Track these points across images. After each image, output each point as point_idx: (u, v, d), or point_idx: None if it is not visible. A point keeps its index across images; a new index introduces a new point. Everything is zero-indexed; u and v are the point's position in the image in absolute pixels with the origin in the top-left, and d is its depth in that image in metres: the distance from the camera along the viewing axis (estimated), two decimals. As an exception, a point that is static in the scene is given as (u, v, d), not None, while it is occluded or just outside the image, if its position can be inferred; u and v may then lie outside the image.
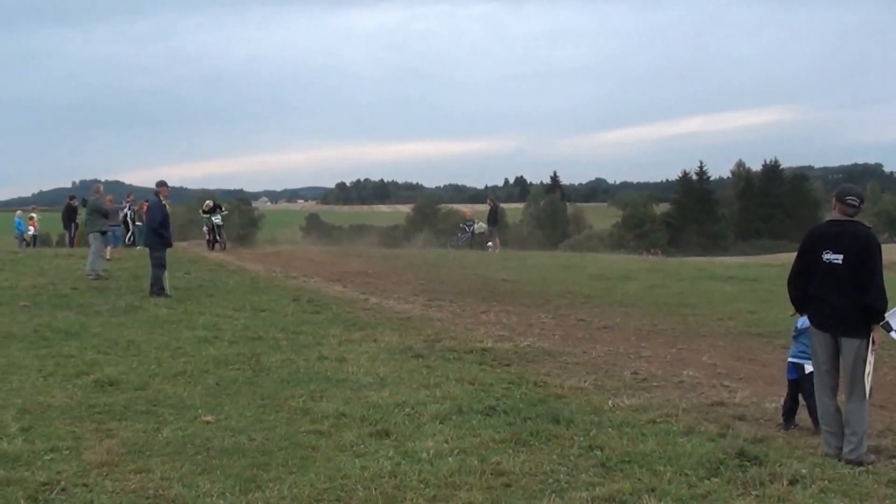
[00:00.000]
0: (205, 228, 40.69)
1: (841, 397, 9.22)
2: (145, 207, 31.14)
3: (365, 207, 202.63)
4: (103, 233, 25.01)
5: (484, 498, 7.40)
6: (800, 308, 9.61)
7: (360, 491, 7.53)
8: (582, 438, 9.14)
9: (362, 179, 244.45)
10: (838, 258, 8.91)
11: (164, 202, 21.98)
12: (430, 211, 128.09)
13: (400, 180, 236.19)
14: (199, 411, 10.14)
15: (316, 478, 7.86)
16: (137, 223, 36.97)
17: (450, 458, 8.39)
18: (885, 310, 8.93)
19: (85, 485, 7.65)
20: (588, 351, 14.86)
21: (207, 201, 41.77)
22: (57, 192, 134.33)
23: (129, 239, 37.62)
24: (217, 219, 39.25)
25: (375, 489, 7.57)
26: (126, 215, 38.21)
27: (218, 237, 39.21)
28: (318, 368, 12.64)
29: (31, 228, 43.42)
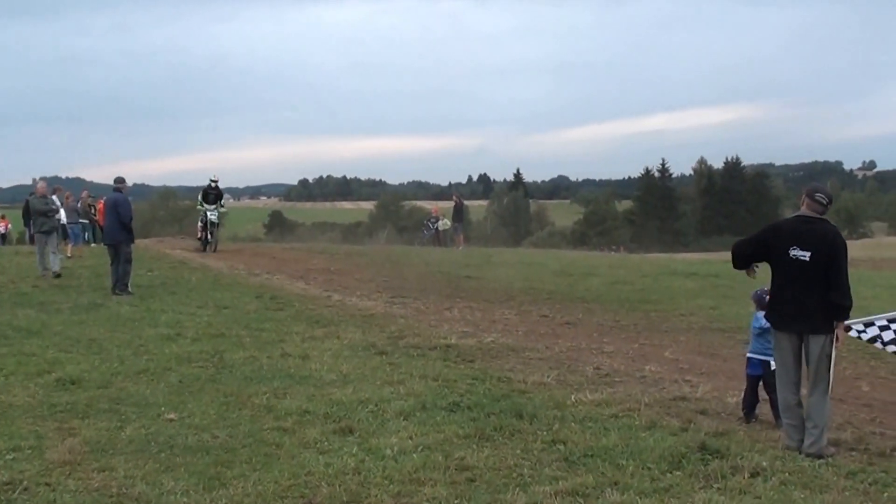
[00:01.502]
0: (199, 223, 35.10)
1: (803, 391, 9.31)
2: (100, 205, 30.87)
3: (328, 204, 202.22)
4: (46, 232, 24.48)
5: (448, 493, 7.42)
6: (741, 265, 9.70)
7: (325, 488, 7.54)
8: (545, 433, 9.18)
9: (325, 176, 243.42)
10: (805, 255, 8.98)
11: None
12: (394, 208, 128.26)
13: (363, 177, 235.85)
14: (162, 409, 10.10)
15: (280, 475, 7.86)
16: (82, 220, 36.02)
17: (414, 455, 8.41)
18: (850, 307, 9.02)
19: (47, 484, 7.62)
20: (551, 346, 14.91)
21: (211, 179, 35.14)
22: (17, 190, 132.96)
23: (87, 236, 36.89)
24: (214, 215, 33.95)
25: (339, 486, 7.58)
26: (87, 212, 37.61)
27: (210, 236, 34.16)
28: (282, 365, 12.62)
29: (2, 227, 43.10)
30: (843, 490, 7.70)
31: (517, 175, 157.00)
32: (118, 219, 21.23)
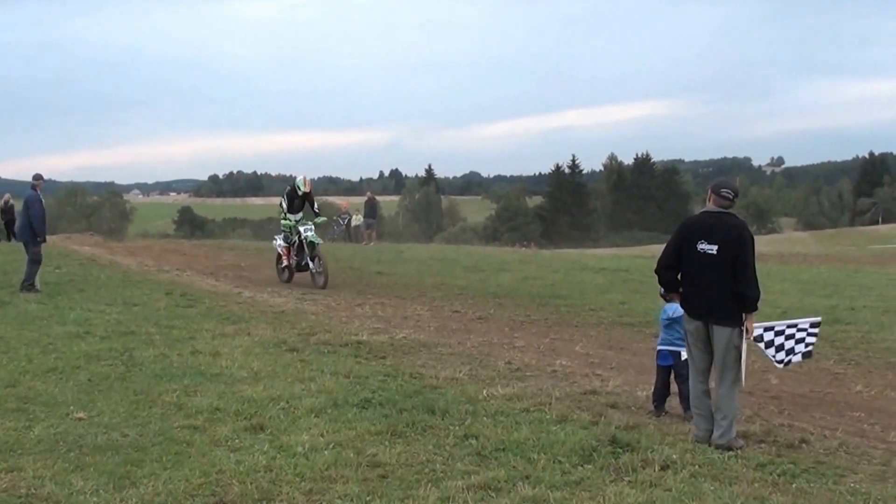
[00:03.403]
0: (279, 242, 24.50)
1: (712, 383, 9.45)
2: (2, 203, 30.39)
3: (238, 200, 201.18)
4: None
5: (360, 490, 7.41)
6: (669, 290, 9.85)
7: (236, 485, 7.49)
8: (457, 428, 9.20)
9: (235, 172, 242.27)
10: (713, 248, 9.11)
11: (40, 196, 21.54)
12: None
13: (274, 172, 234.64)
14: (71, 408, 9.94)
15: (191, 473, 7.79)
16: None
17: (325, 452, 8.38)
18: (757, 299, 9.16)
19: (-47, 485, 7.48)
20: (463, 342, 14.95)
21: (301, 182, 24.51)
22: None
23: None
24: (310, 230, 23.30)
25: (251, 483, 7.53)
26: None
27: (313, 263, 23.35)
28: (192, 363, 12.49)
29: None
30: (753, 482, 7.82)
31: (429, 171, 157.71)
32: (28, 218, 20.94)
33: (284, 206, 24.68)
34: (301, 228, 23.48)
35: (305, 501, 7.25)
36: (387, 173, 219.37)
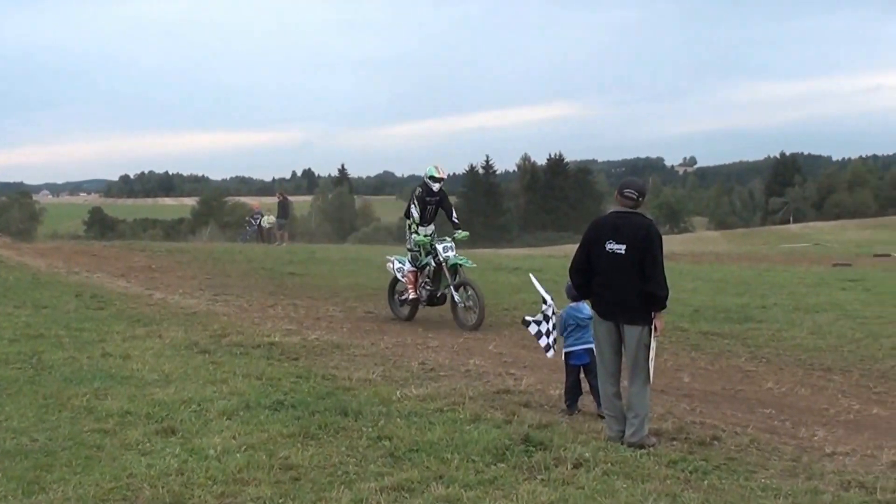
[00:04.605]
0: (405, 266, 18.53)
1: (624, 383, 9.55)
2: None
3: (149, 200, 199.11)
4: None
5: (273, 492, 7.40)
6: (583, 295, 9.96)
7: (147, 490, 7.44)
8: (370, 429, 9.21)
9: (146, 172, 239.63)
10: (621, 248, 9.21)
11: None
12: (217, 204, 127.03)
13: (185, 172, 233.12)
14: (-22, 413, 9.81)
15: (101, 477, 7.72)
16: None
17: (237, 454, 8.35)
18: (666, 297, 9.29)
19: None
20: (376, 343, 14.95)
21: (434, 170, 18.42)
22: None
23: None
24: (450, 248, 18.24)
25: (162, 487, 7.49)
26: None
27: (455, 291, 17.72)
28: (102, 366, 12.35)
29: None
30: (665, 479, 7.93)
31: (342, 170, 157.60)
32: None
33: (416, 214, 18.16)
34: (439, 247, 17.91)
35: (217, 505, 7.23)
36: (299, 173, 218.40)
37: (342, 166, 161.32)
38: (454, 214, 18.50)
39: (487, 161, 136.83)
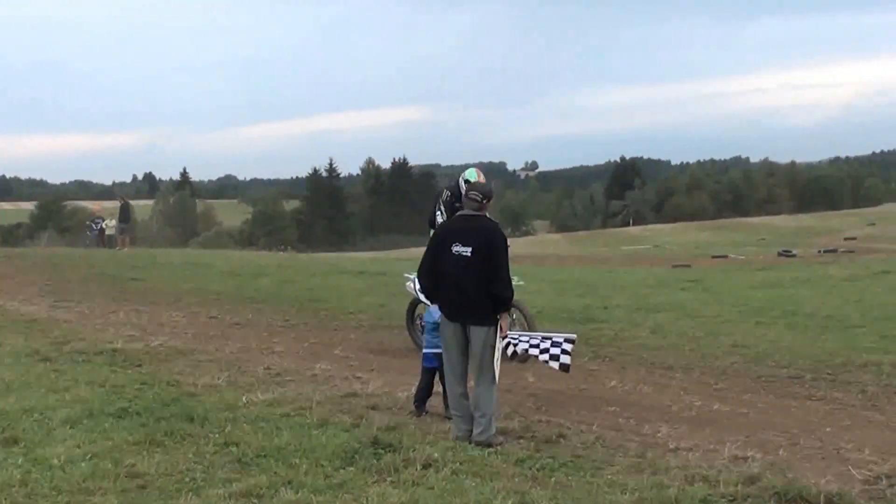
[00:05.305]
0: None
1: (470, 383, 9.60)
2: None
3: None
4: None
5: (119, 501, 7.25)
6: (431, 298, 9.99)
7: (-12, 502, 7.20)
8: (217, 435, 9.08)
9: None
10: (467, 250, 9.29)
11: None
12: (55, 208, 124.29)
13: (23, 176, 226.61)
14: None
15: (-61, 490, 7.44)
16: None
17: (82, 464, 8.14)
18: (510, 298, 9.42)
19: None
20: (221, 348, 14.76)
21: (474, 174, 13.35)
22: None
23: None
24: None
25: (5, 499, 7.26)
26: None
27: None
28: (-63, 376, 11.94)
29: None
30: (513, 476, 8.00)
31: (184, 174, 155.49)
32: None
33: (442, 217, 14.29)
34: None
35: (62, 515, 7.04)
36: (140, 176, 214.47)
37: (184, 169, 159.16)
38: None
39: (331, 164, 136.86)
